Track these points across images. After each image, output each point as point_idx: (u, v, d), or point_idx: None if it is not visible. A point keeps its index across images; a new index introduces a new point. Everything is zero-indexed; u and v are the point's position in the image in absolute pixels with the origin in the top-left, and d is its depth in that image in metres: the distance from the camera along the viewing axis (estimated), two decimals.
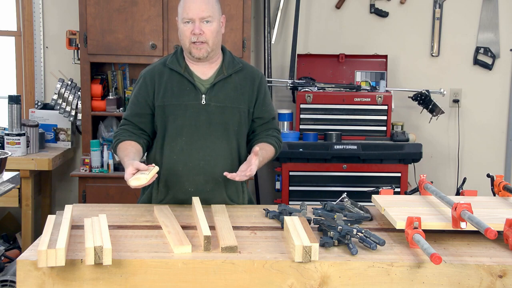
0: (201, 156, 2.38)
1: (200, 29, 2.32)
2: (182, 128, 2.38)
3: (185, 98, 2.38)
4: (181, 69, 2.40)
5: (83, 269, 1.74)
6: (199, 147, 2.38)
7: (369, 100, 3.79)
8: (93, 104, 3.96)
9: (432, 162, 4.34)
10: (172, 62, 2.42)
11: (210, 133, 2.38)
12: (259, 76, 2.49)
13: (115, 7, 3.82)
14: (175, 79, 2.40)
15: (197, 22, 2.31)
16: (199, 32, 2.32)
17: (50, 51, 4.26)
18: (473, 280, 1.78)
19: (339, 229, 1.92)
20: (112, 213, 2.23)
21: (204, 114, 2.38)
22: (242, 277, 1.77)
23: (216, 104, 2.39)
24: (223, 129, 2.39)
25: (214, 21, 2.34)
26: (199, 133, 2.38)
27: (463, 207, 1.87)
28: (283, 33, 4.27)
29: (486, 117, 4.34)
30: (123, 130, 2.44)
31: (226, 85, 2.41)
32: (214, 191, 2.40)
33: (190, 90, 2.39)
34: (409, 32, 4.28)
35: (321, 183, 3.74)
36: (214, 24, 2.34)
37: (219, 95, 2.39)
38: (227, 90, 2.41)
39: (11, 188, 2.69)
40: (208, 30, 2.33)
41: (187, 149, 2.38)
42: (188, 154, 2.38)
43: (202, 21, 2.32)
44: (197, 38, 2.32)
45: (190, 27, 2.33)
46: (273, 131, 2.52)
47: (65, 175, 4.28)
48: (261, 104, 2.47)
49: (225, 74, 2.41)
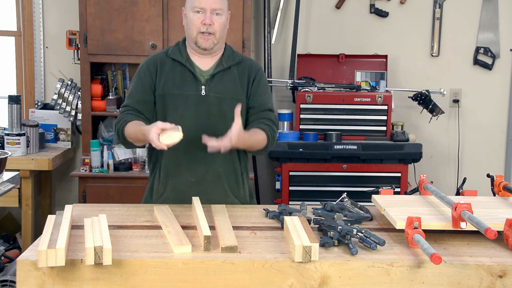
0: (201, 147, 2.36)
1: (211, 19, 2.33)
2: (182, 118, 2.37)
3: (186, 88, 2.39)
4: (182, 59, 2.42)
5: (83, 269, 1.74)
6: (198, 137, 2.36)
7: (369, 100, 3.79)
8: (93, 104, 3.96)
9: (432, 162, 4.34)
10: (173, 52, 2.44)
11: (210, 124, 2.39)
12: (256, 68, 2.50)
13: (115, 7, 3.82)
14: (176, 68, 2.42)
15: (208, 12, 2.33)
16: (209, 22, 2.33)
17: (50, 51, 4.26)
18: (473, 280, 1.78)
19: (339, 229, 1.92)
20: (112, 213, 2.22)
21: (204, 104, 2.39)
22: (242, 277, 1.77)
23: (215, 95, 2.40)
24: (222, 120, 2.39)
25: (224, 14, 2.38)
26: (198, 123, 2.38)
27: (463, 207, 1.87)
28: (283, 33, 4.28)
29: (486, 117, 4.34)
30: (127, 114, 2.38)
31: (225, 76, 2.42)
32: (214, 182, 2.41)
33: (190, 81, 2.40)
34: (409, 32, 4.28)
35: (321, 183, 3.74)
36: (223, 17, 2.37)
37: (218, 86, 2.41)
38: (226, 82, 2.42)
39: (11, 188, 2.69)
40: (217, 22, 2.35)
41: (187, 139, 2.37)
42: (188, 144, 2.36)
43: (213, 12, 2.34)
44: (207, 29, 2.34)
45: (201, 16, 2.34)
46: (267, 120, 2.45)
47: (65, 175, 4.28)
48: (253, 94, 2.45)
49: (224, 66, 2.42)
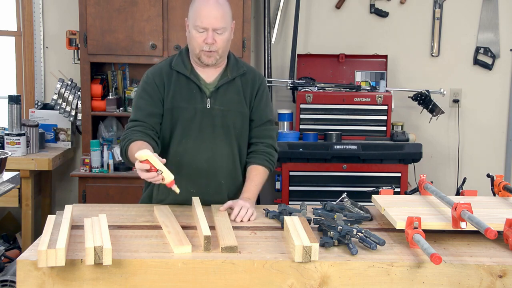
0: (204, 159, 2.39)
1: (213, 38, 2.29)
2: (188, 131, 2.38)
3: (192, 101, 2.38)
4: (187, 72, 2.39)
5: (83, 269, 1.74)
6: (202, 150, 2.39)
7: (369, 100, 3.79)
8: (93, 104, 3.96)
9: (432, 162, 4.34)
10: (177, 64, 2.40)
11: (214, 136, 2.39)
12: (259, 80, 2.49)
13: (115, 7, 3.82)
14: (182, 81, 2.39)
15: (210, 32, 2.29)
16: (211, 42, 2.29)
17: (50, 51, 4.26)
18: (473, 280, 1.78)
19: (339, 229, 1.92)
20: (112, 213, 2.23)
21: (209, 117, 2.38)
22: (242, 277, 1.77)
23: (219, 108, 2.39)
24: (226, 132, 2.40)
25: (227, 30, 2.33)
26: (203, 136, 2.39)
27: (463, 207, 1.87)
28: (283, 33, 4.27)
29: (486, 117, 4.34)
30: (133, 131, 2.32)
31: (230, 88, 2.41)
32: (216, 193, 2.41)
33: (196, 93, 2.39)
34: (409, 32, 4.27)
35: (321, 183, 3.74)
36: (226, 33, 2.33)
37: (223, 98, 2.40)
38: (230, 94, 2.41)
39: (11, 188, 2.69)
40: (220, 39, 2.31)
41: (191, 151, 2.39)
42: (191, 156, 2.38)
43: (215, 31, 2.30)
44: (209, 48, 2.31)
45: (203, 35, 2.30)
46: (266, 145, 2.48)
47: (65, 175, 4.28)
48: (255, 107, 2.47)
49: (229, 77, 2.41)
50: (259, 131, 2.49)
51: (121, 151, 2.34)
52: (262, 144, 2.48)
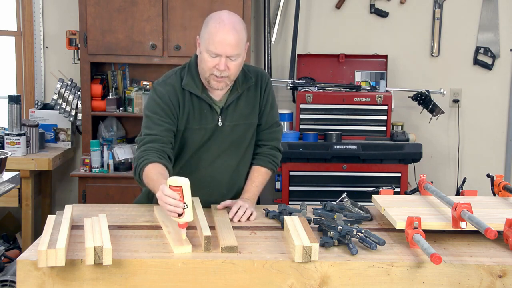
0: (209, 172, 2.38)
1: (226, 65, 2.19)
2: (198, 149, 2.36)
3: (204, 122, 2.32)
4: (199, 92, 2.30)
5: (83, 269, 1.74)
6: (207, 164, 2.37)
7: (369, 100, 3.79)
8: (93, 104, 3.96)
9: (432, 162, 4.34)
10: (188, 84, 2.30)
11: (222, 151, 2.37)
12: (264, 80, 2.43)
13: (115, 7, 3.82)
14: (195, 102, 2.32)
15: (223, 58, 2.18)
16: (223, 68, 2.19)
17: (50, 51, 4.26)
18: (473, 280, 1.78)
19: (339, 229, 1.92)
20: (112, 213, 2.23)
21: (220, 134, 2.35)
22: (242, 277, 1.77)
23: (230, 124, 2.35)
24: (235, 146, 2.39)
25: (241, 56, 2.22)
26: (211, 152, 2.36)
27: (463, 207, 1.87)
28: (283, 33, 4.27)
29: (486, 117, 4.34)
30: (151, 150, 2.20)
31: (240, 102, 2.36)
32: (218, 202, 2.37)
33: (207, 113, 2.33)
34: (409, 32, 4.27)
35: (321, 183, 3.74)
36: (239, 59, 2.22)
37: (233, 114, 2.35)
38: (240, 108, 2.36)
39: (11, 188, 2.69)
40: (233, 65, 2.21)
41: (197, 166, 2.37)
42: (196, 170, 2.36)
43: (229, 57, 2.19)
44: (220, 74, 2.20)
45: (215, 60, 2.19)
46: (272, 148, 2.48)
47: (65, 175, 4.28)
48: (263, 111, 2.44)
49: (239, 92, 2.35)
50: (265, 134, 2.47)
51: (135, 170, 2.22)
52: (266, 147, 2.48)
